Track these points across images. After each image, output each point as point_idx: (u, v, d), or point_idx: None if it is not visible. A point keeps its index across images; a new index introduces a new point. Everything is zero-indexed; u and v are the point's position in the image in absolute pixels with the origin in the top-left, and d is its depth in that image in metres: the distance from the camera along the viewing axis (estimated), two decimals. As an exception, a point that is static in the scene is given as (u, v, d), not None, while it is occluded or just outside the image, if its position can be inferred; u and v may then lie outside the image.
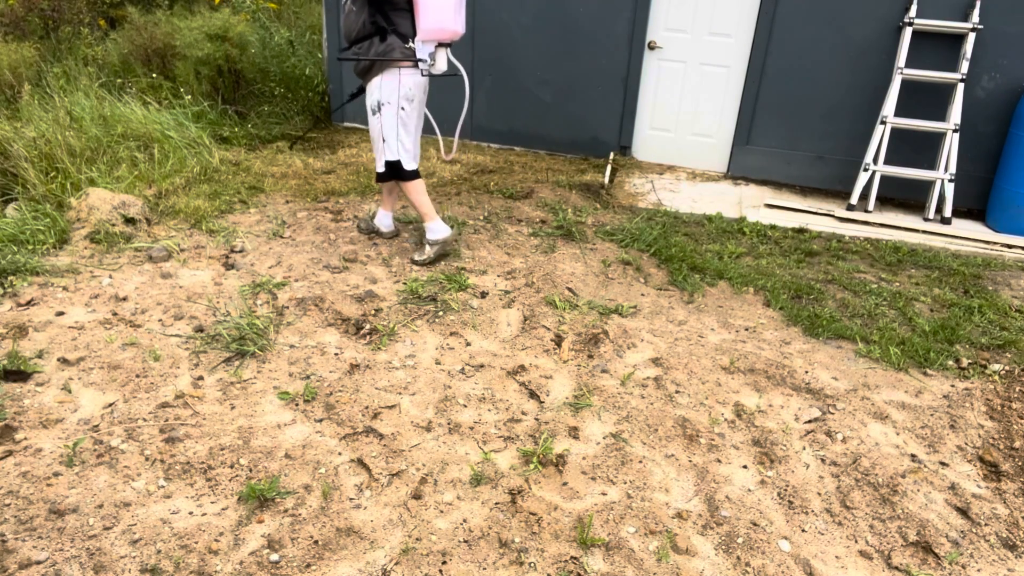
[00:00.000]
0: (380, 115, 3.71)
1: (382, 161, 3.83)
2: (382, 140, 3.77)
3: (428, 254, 3.95)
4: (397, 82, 3.65)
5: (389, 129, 3.74)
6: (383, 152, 3.81)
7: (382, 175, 3.88)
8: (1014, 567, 2.26)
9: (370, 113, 3.76)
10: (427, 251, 3.96)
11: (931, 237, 5.01)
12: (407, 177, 3.87)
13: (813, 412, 2.94)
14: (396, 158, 3.80)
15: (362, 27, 3.58)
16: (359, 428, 2.68)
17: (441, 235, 3.95)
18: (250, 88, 6.69)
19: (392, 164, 3.82)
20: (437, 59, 3.69)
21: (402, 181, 3.88)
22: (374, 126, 3.78)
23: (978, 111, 5.22)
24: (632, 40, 5.85)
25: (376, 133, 3.78)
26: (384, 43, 3.59)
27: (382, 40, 3.59)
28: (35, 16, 7.24)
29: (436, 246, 3.95)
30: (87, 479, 2.35)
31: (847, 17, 5.32)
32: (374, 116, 3.74)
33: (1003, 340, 3.55)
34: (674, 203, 5.35)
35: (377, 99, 3.69)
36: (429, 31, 3.54)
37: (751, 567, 2.19)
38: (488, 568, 2.12)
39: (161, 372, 2.92)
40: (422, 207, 3.93)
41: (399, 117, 3.73)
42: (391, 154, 3.80)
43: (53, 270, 3.62)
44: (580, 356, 3.25)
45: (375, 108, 3.71)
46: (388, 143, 3.77)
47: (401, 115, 3.73)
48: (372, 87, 3.70)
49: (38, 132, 4.62)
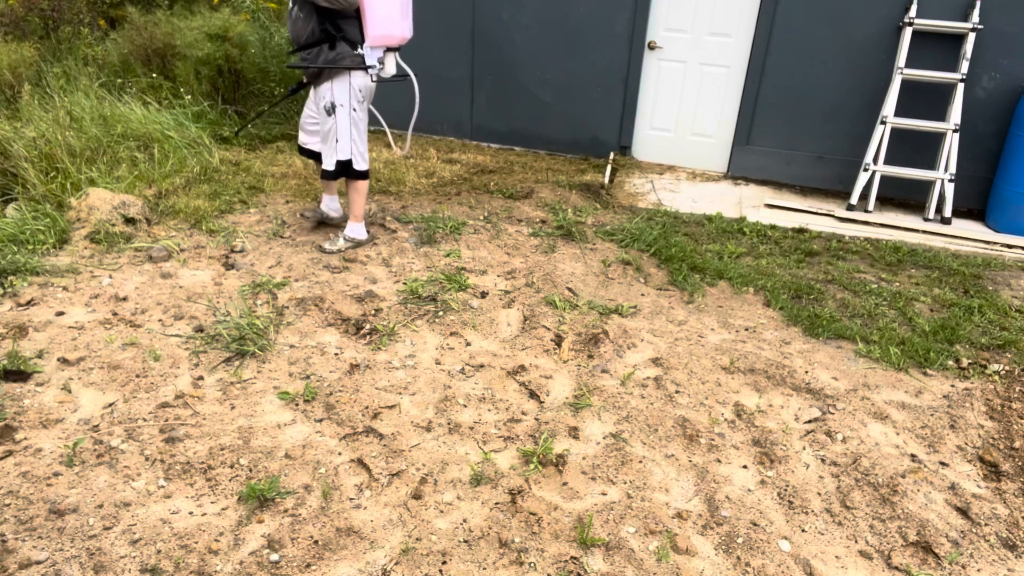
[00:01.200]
0: (335, 116, 3.81)
1: (332, 160, 3.92)
2: (335, 140, 3.87)
3: (340, 246, 4.09)
4: (348, 84, 3.75)
5: (343, 130, 3.85)
6: (334, 152, 3.90)
7: (329, 173, 3.96)
8: (1014, 567, 2.26)
9: (324, 114, 3.83)
10: (340, 243, 4.10)
11: (931, 237, 5.01)
12: (357, 176, 4.00)
13: (813, 412, 2.94)
14: (348, 157, 3.92)
15: (311, 34, 3.66)
16: (359, 428, 2.68)
17: (360, 237, 4.15)
18: (250, 88, 6.68)
19: (343, 163, 3.93)
20: (386, 64, 3.82)
21: (351, 179, 4.01)
22: (327, 125, 3.86)
23: (978, 111, 5.22)
24: (632, 40, 5.85)
25: (329, 133, 3.87)
26: (334, 51, 3.68)
27: (331, 48, 3.67)
28: (35, 16, 7.24)
29: (350, 244, 4.11)
30: (87, 479, 2.35)
31: (847, 17, 5.32)
32: (329, 117, 3.82)
33: (1003, 340, 3.55)
34: (674, 203, 5.35)
35: (331, 101, 3.77)
36: (377, 37, 3.66)
37: (751, 567, 2.19)
38: (488, 568, 2.12)
39: (161, 372, 2.92)
40: (358, 207, 4.09)
41: (351, 118, 3.84)
42: (343, 154, 3.91)
43: (53, 270, 3.62)
44: (580, 356, 3.25)
45: (329, 109, 3.80)
46: (341, 143, 3.88)
47: (353, 116, 3.84)
48: (323, 90, 3.78)
49: (38, 132, 4.62)
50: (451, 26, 6.16)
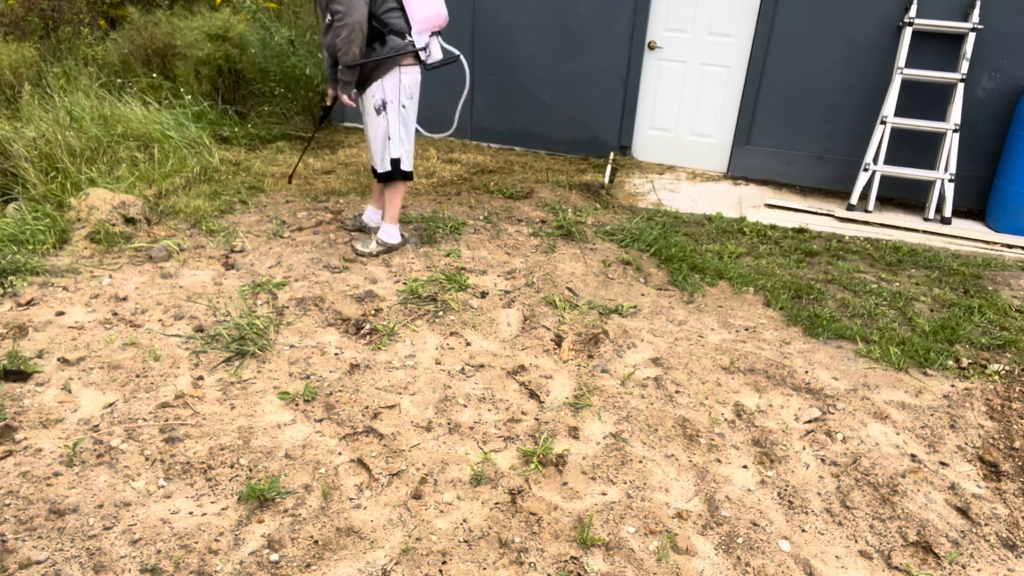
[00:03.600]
0: (386, 114, 3.78)
1: (387, 159, 3.89)
2: (387, 139, 3.84)
3: (372, 249, 4.04)
4: (397, 80, 3.73)
5: (393, 127, 3.82)
6: (387, 150, 3.87)
7: (386, 174, 3.94)
8: (1014, 567, 2.26)
9: (373, 114, 3.80)
10: (373, 247, 4.05)
11: (931, 237, 5.01)
12: (402, 177, 3.96)
13: (813, 412, 2.94)
14: (399, 156, 3.89)
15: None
16: (359, 428, 2.68)
17: (394, 241, 4.09)
18: (250, 88, 6.68)
19: (395, 161, 3.89)
20: (432, 49, 3.80)
21: (394, 179, 3.97)
22: (378, 126, 3.83)
23: (978, 111, 5.22)
24: (632, 40, 5.84)
25: (380, 132, 3.84)
26: (385, 45, 3.66)
27: (382, 44, 3.65)
28: (35, 16, 7.24)
29: (383, 248, 4.06)
30: (87, 479, 2.35)
31: (847, 17, 5.32)
32: (379, 116, 3.79)
33: (1003, 340, 3.55)
34: (674, 203, 5.35)
35: (381, 99, 3.75)
36: (424, 20, 3.67)
37: (751, 567, 2.19)
38: (488, 568, 2.12)
39: (161, 372, 2.92)
40: (395, 208, 4.05)
41: (400, 115, 3.81)
42: (395, 151, 3.87)
43: (53, 270, 3.62)
44: (580, 356, 3.25)
45: (379, 107, 3.77)
46: (392, 141, 3.85)
47: (402, 112, 3.82)
48: (373, 90, 3.75)
49: (38, 132, 4.62)
50: (451, 26, 6.15)
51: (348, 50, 3.55)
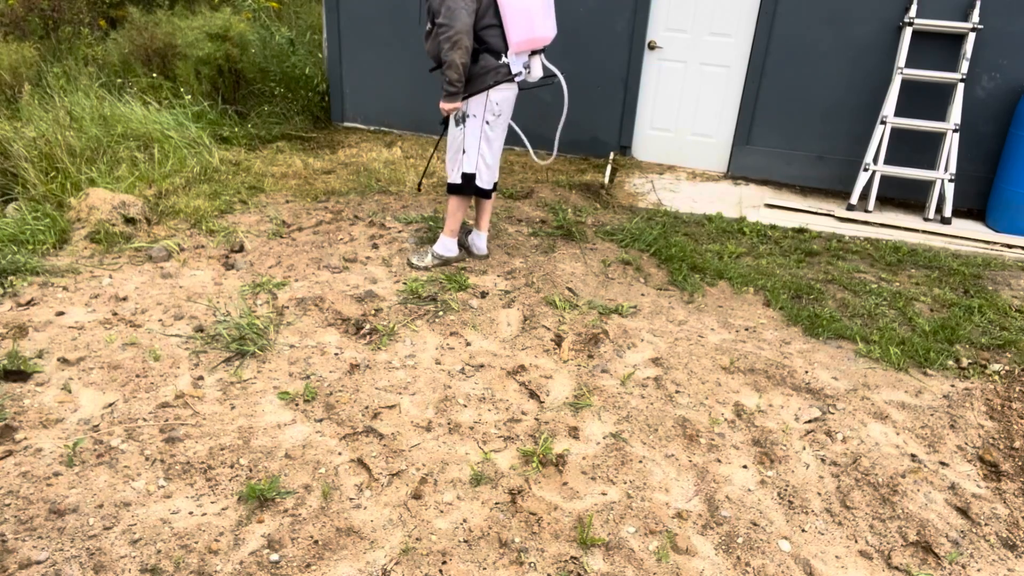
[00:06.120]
0: (464, 127, 3.65)
1: (458, 172, 3.75)
2: (462, 152, 3.70)
3: (427, 263, 3.93)
4: (485, 97, 3.60)
5: (471, 141, 3.68)
6: (460, 163, 3.73)
7: (455, 186, 3.79)
8: (1014, 567, 2.26)
9: (453, 124, 3.69)
10: (428, 260, 3.94)
11: (931, 237, 5.01)
12: (481, 194, 3.83)
13: (813, 412, 2.94)
14: (473, 171, 3.74)
15: None
16: (359, 428, 2.68)
17: (449, 254, 3.97)
18: (250, 88, 6.68)
19: (468, 176, 3.75)
20: (532, 68, 3.68)
21: (467, 195, 3.82)
22: (455, 137, 3.71)
23: (978, 111, 5.22)
24: (632, 40, 5.84)
25: (455, 143, 3.72)
26: (476, 64, 3.52)
27: (474, 61, 3.52)
28: (35, 16, 7.24)
29: (439, 261, 3.95)
30: (87, 479, 2.35)
31: (847, 17, 5.32)
32: (457, 127, 3.68)
33: (1003, 340, 3.55)
34: (674, 203, 5.35)
35: (463, 111, 3.63)
36: (520, 43, 3.52)
37: (751, 567, 2.19)
38: (488, 568, 2.12)
39: (161, 372, 2.92)
40: (455, 222, 3.90)
41: (483, 131, 3.68)
42: (469, 166, 3.73)
43: (53, 270, 3.62)
44: (580, 356, 3.25)
45: (460, 119, 3.65)
46: (468, 154, 3.70)
47: (485, 129, 3.68)
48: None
49: (38, 132, 4.62)
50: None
51: (452, 60, 3.38)
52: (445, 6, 3.33)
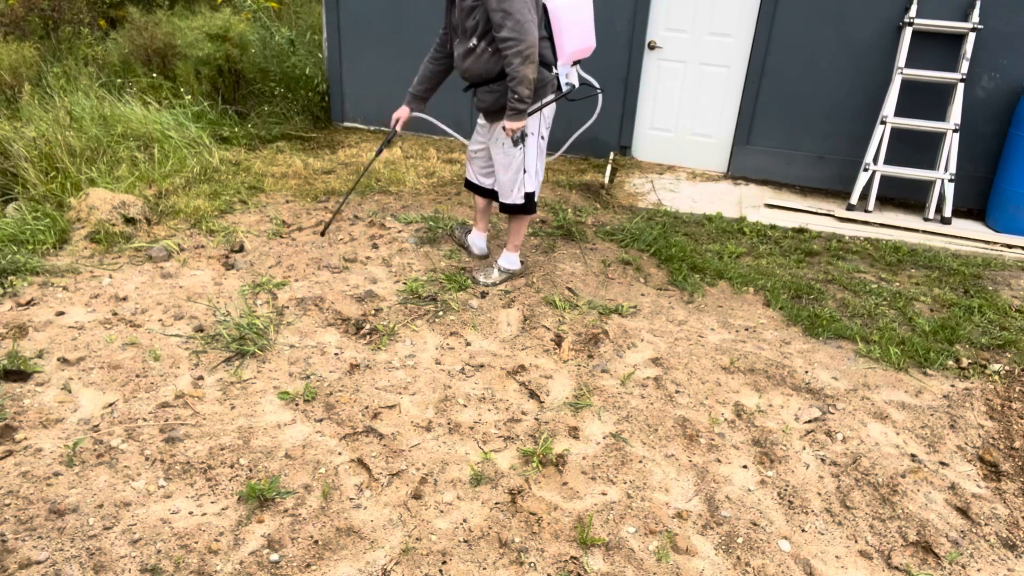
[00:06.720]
0: (524, 147, 3.52)
1: (520, 193, 3.63)
2: (523, 171, 3.58)
3: (495, 279, 3.84)
4: (539, 112, 3.50)
5: (531, 161, 3.58)
6: (521, 184, 3.61)
7: (518, 207, 3.68)
8: (1014, 567, 2.26)
9: (509, 144, 3.52)
10: (494, 276, 3.84)
11: (931, 237, 5.01)
12: (534, 210, 3.75)
13: (813, 412, 2.94)
14: (533, 189, 3.66)
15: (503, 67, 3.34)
16: (359, 428, 2.68)
17: (515, 267, 3.89)
18: (250, 88, 6.68)
19: (530, 195, 3.66)
20: (571, 78, 3.57)
21: (526, 213, 3.74)
22: (514, 156, 3.55)
23: (978, 111, 5.22)
24: (632, 40, 5.84)
25: (515, 164, 3.57)
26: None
27: None
28: (35, 16, 7.24)
29: (505, 276, 3.86)
30: (87, 479, 2.35)
31: (847, 17, 5.32)
32: (516, 147, 3.52)
33: (1003, 340, 3.55)
34: (674, 203, 5.35)
35: (522, 131, 3.48)
36: (573, 54, 3.45)
37: (751, 567, 2.19)
38: (488, 568, 2.12)
39: (161, 372, 2.92)
40: (519, 237, 3.83)
41: (539, 147, 3.60)
42: (531, 185, 3.63)
43: (53, 270, 3.62)
44: (580, 356, 3.25)
45: (519, 139, 3.49)
46: (528, 174, 3.60)
47: (540, 144, 3.61)
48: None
49: (38, 132, 4.62)
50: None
51: (524, 75, 3.20)
52: (512, 19, 3.14)
